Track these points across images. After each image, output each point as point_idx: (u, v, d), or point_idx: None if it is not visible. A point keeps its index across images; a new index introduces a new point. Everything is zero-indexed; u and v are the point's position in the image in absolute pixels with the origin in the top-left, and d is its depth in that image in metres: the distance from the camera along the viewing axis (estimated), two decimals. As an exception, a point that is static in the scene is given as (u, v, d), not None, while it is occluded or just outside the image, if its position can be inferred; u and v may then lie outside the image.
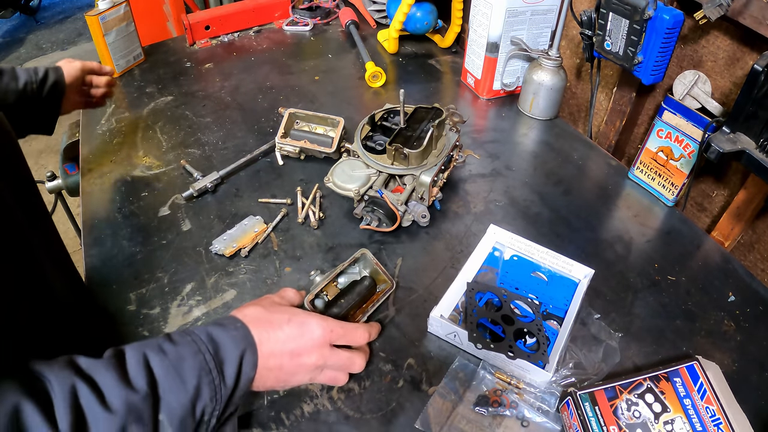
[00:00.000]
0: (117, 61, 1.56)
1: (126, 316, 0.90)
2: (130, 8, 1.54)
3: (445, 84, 1.56)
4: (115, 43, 1.52)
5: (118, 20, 1.50)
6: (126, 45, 1.56)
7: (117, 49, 1.54)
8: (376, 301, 0.89)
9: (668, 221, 1.10)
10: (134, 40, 1.59)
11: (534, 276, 0.96)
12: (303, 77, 1.55)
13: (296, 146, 1.20)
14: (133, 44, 1.59)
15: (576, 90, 1.52)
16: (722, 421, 0.70)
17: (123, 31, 1.52)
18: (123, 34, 1.53)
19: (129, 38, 1.56)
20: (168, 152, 1.26)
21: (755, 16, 0.93)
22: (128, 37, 1.56)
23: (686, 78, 1.05)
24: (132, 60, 1.60)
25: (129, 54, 1.59)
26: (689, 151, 1.05)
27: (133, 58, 1.61)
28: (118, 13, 1.49)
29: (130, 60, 1.60)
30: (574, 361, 0.81)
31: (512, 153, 1.28)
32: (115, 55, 1.54)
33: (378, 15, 1.84)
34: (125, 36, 1.54)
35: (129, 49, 1.58)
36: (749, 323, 0.91)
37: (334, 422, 0.77)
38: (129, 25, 1.55)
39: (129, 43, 1.57)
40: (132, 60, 1.60)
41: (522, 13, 1.32)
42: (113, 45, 1.52)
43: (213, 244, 1.02)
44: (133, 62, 1.61)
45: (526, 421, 0.76)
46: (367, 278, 0.90)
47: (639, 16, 1.04)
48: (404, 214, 1.01)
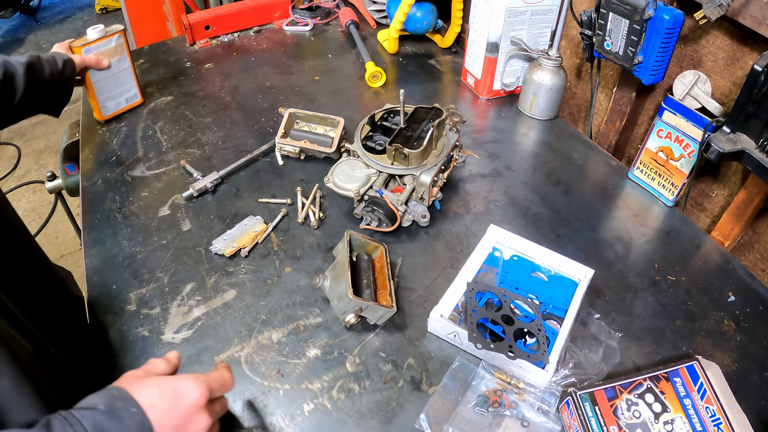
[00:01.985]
0: (104, 103, 1.32)
1: (126, 316, 0.90)
2: (125, 41, 1.30)
3: (445, 84, 1.56)
4: (102, 82, 1.28)
5: (109, 54, 1.27)
6: (116, 84, 1.32)
7: (104, 88, 1.30)
8: (386, 271, 0.93)
9: (668, 221, 1.10)
10: (128, 79, 1.35)
11: (534, 276, 0.96)
12: (303, 77, 1.55)
13: (296, 146, 1.20)
14: (127, 84, 1.35)
15: (576, 90, 1.52)
16: (722, 421, 0.70)
17: (114, 68, 1.29)
18: (114, 71, 1.30)
19: (122, 77, 1.33)
20: (168, 152, 1.26)
21: (755, 16, 0.93)
22: (120, 76, 1.32)
23: (686, 78, 1.05)
24: (124, 102, 1.36)
25: (120, 95, 1.35)
26: (689, 151, 1.05)
27: (126, 101, 1.37)
28: (108, 46, 1.26)
29: (121, 102, 1.36)
30: (574, 361, 0.81)
31: (512, 153, 1.28)
32: (101, 96, 1.30)
33: (378, 15, 1.84)
34: (117, 74, 1.31)
35: (120, 90, 1.34)
36: (749, 323, 0.91)
37: (334, 422, 0.77)
38: (122, 60, 1.31)
39: (121, 82, 1.33)
40: (124, 102, 1.36)
41: (522, 13, 1.32)
42: (99, 84, 1.28)
43: (213, 244, 1.02)
44: (125, 105, 1.37)
45: (526, 421, 0.76)
46: (362, 254, 0.95)
47: (639, 16, 1.04)
48: (404, 214, 1.01)
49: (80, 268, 0.99)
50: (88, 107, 1.37)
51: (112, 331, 0.88)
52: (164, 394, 0.60)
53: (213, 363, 0.84)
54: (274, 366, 0.84)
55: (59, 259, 2.52)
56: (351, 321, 0.84)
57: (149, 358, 0.81)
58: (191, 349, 0.86)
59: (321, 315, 0.91)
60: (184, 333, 0.88)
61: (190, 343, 0.87)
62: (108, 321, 0.90)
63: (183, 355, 0.85)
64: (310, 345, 0.87)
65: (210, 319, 0.90)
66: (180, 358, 0.70)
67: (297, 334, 0.88)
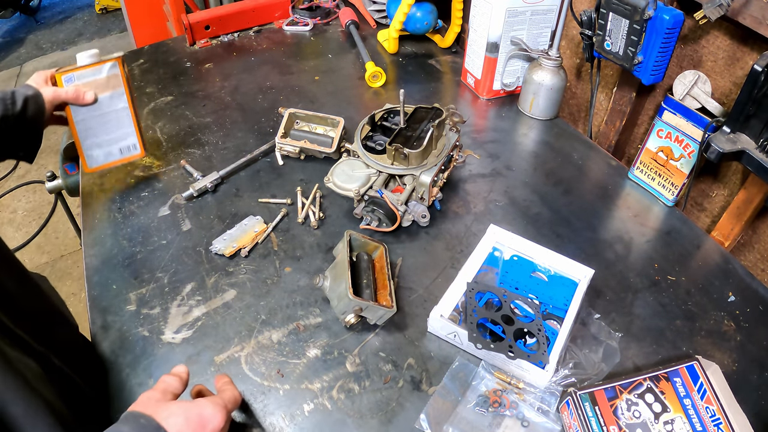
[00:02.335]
0: (89, 150, 1.03)
1: (126, 316, 0.90)
2: (122, 73, 1.00)
3: (445, 84, 1.56)
4: (88, 122, 0.99)
5: (98, 86, 0.98)
6: (107, 128, 1.02)
7: (90, 131, 1.00)
8: (386, 271, 0.92)
9: (668, 221, 1.10)
10: (124, 122, 1.03)
11: (534, 276, 0.96)
12: (303, 77, 1.55)
13: (296, 146, 1.20)
14: (122, 129, 1.04)
15: (576, 90, 1.52)
16: (722, 421, 0.70)
17: (104, 105, 1.00)
18: (103, 110, 1.00)
19: (114, 119, 1.01)
20: (168, 152, 1.26)
21: (755, 16, 0.92)
22: (113, 117, 1.01)
23: (686, 78, 1.05)
24: (117, 153, 1.05)
25: (111, 143, 1.04)
26: (689, 151, 1.05)
27: (120, 151, 1.06)
28: (97, 76, 0.97)
29: (112, 152, 1.05)
30: (574, 361, 0.81)
31: (512, 153, 1.28)
32: (85, 140, 1.01)
33: (378, 15, 1.84)
34: (107, 114, 1.01)
35: (112, 136, 1.04)
36: (749, 323, 0.91)
37: (334, 422, 0.77)
38: (116, 97, 1.00)
39: (114, 125, 1.03)
40: (117, 153, 1.05)
41: (522, 13, 1.32)
42: (83, 124, 0.99)
43: (213, 244, 1.02)
44: (118, 157, 1.06)
45: (526, 421, 0.76)
46: (362, 254, 0.95)
47: (639, 16, 1.04)
48: (404, 214, 1.01)
49: (80, 268, 0.99)
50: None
51: (112, 331, 0.88)
52: (190, 421, 0.61)
53: (213, 363, 0.84)
54: (274, 366, 0.84)
55: (59, 259, 2.52)
56: (351, 321, 0.84)
57: (150, 361, 0.81)
58: (191, 349, 0.86)
59: (321, 315, 0.91)
60: (184, 333, 0.88)
61: (190, 343, 0.87)
62: (108, 321, 0.90)
63: (183, 355, 0.85)
64: (310, 345, 0.87)
65: (210, 319, 0.90)
66: (189, 373, 0.71)
67: (297, 334, 0.88)
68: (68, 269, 2.47)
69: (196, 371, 0.83)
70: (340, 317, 0.86)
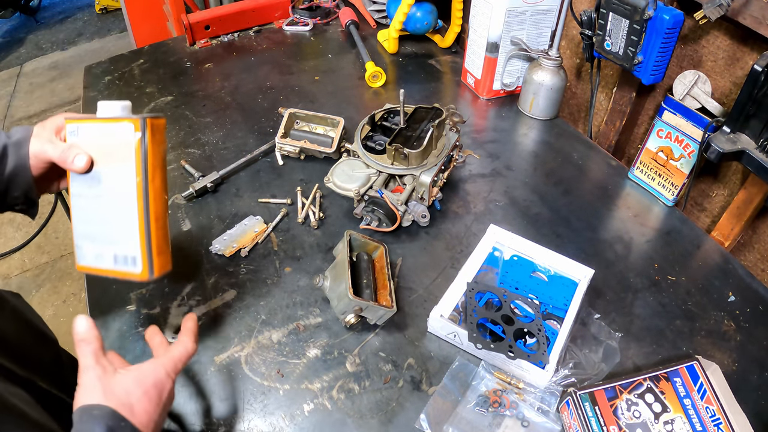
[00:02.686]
0: (80, 240, 0.69)
1: (126, 316, 0.90)
2: (137, 144, 0.65)
3: (445, 84, 1.56)
4: (82, 201, 0.68)
5: (104, 154, 0.66)
6: (103, 219, 0.67)
7: (84, 215, 0.68)
8: (386, 271, 0.92)
9: (668, 221, 1.10)
10: (126, 218, 0.66)
11: (534, 276, 0.96)
12: (303, 77, 1.55)
13: (296, 146, 1.20)
14: (123, 228, 0.67)
15: (576, 90, 1.52)
16: (722, 421, 0.70)
17: (103, 183, 0.66)
18: (99, 191, 0.67)
19: (113, 209, 0.66)
20: (168, 152, 1.26)
21: (755, 16, 0.92)
22: (111, 207, 0.67)
23: (686, 78, 1.05)
24: (110, 261, 0.68)
25: (106, 244, 0.68)
26: (689, 151, 1.05)
27: (113, 260, 0.68)
28: (108, 138, 0.66)
29: (104, 256, 0.68)
30: (574, 361, 0.81)
31: (512, 153, 1.28)
32: (78, 226, 0.69)
33: (378, 15, 1.84)
34: (102, 197, 0.67)
35: (108, 235, 0.68)
36: (749, 323, 0.91)
37: (334, 422, 0.77)
38: (123, 177, 0.65)
39: (111, 219, 0.67)
40: (110, 261, 0.68)
41: (522, 13, 1.32)
42: (78, 204, 0.68)
43: (213, 244, 1.02)
44: (111, 266, 0.68)
45: (526, 421, 0.76)
46: (362, 254, 0.95)
47: (639, 16, 1.04)
48: (404, 214, 1.01)
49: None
50: (88, 108, 1.37)
51: (112, 331, 0.88)
52: (148, 394, 0.59)
53: (213, 363, 0.84)
54: (274, 366, 0.84)
55: (59, 259, 2.52)
56: (351, 321, 0.84)
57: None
58: (191, 349, 0.86)
59: (321, 315, 0.91)
60: (184, 333, 0.88)
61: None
62: (108, 321, 0.90)
63: (183, 355, 0.85)
64: (310, 345, 0.87)
65: (210, 319, 0.90)
66: (92, 322, 0.62)
67: (297, 334, 0.88)
68: (68, 269, 2.47)
69: (196, 371, 0.83)
70: (340, 317, 0.86)
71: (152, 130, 0.67)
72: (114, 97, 1.43)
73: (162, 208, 0.68)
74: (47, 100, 3.70)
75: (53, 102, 3.68)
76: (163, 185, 0.68)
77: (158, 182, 0.67)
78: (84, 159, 0.65)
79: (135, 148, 0.65)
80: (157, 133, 0.68)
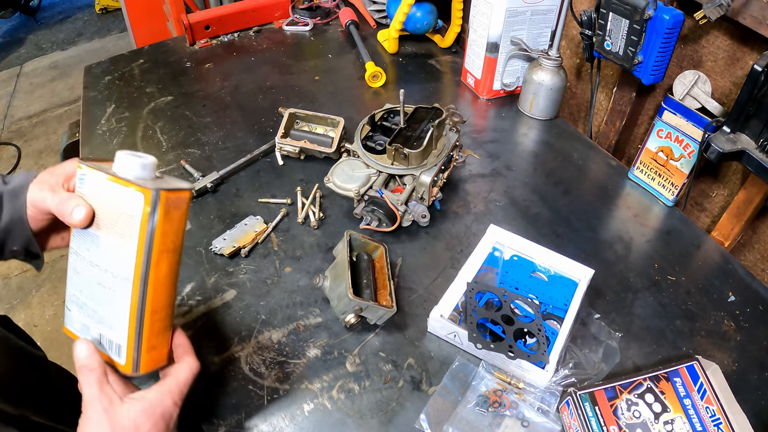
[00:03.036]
0: (69, 301, 0.62)
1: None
2: (144, 220, 0.55)
3: (445, 84, 1.56)
4: (79, 258, 0.60)
5: (109, 217, 0.57)
6: (95, 291, 0.59)
7: (78, 279, 0.60)
8: (386, 271, 0.92)
9: (668, 221, 1.10)
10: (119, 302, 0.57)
11: (534, 276, 0.96)
12: (303, 77, 1.55)
13: (296, 146, 1.20)
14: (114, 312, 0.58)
15: (576, 90, 1.52)
16: (722, 421, 0.70)
17: (104, 254, 0.57)
18: (101, 259, 0.58)
19: (109, 287, 0.57)
20: (168, 152, 1.26)
21: (755, 16, 0.92)
22: (109, 284, 0.57)
23: (686, 78, 1.05)
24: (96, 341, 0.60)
25: (95, 319, 0.60)
26: (689, 151, 1.05)
27: (100, 339, 0.60)
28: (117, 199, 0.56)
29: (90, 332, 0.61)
30: (574, 361, 0.81)
31: (512, 153, 1.28)
32: (71, 288, 0.61)
33: (378, 15, 1.84)
34: (102, 269, 0.58)
35: (98, 309, 0.59)
36: (749, 323, 0.91)
37: (334, 422, 0.77)
38: (123, 255, 0.56)
39: (103, 296, 0.58)
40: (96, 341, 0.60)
41: (522, 13, 1.32)
42: (74, 258, 0.60)
43: (213, 244, 1.02)
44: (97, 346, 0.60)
45: (526, 421, 0.76)
46: (362, 254, 0.95)
47: (639, 16, 1.04)
48: (404, 214, 1.01)
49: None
50: (88, 108, 1.37)
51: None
52: (157, 426, 0.57)
53: (213, 363, 0.84)
54: (275, 366, 0.84)
55: (59, 259, 2.52)
56: (351, 321, 0.84)
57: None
58: (191, 349, 0.86)
59: (321, 315, 0.91)
60: (184, 333, 0.88)
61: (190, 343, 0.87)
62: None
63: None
64: (310, 345, 0.87)
65: (210, 319, 0.90)
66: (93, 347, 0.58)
67: (297, 334, 0.88)
68: (67, 270, 2.48)
69: (196, 371, 0.83)
70: (340, 317, 0.86)
71: (167, 206, 0.55)
72: (114, 98, 1.44)
73: (164, 300, 0.59)
74: (47, 100, 3.71)
75: (53, 102, 3.68)
76: (170, 273, 0.58)
77: (164, 269, 0.57)
78: (83, 212, 0.55)
79: (140, 225, 0.54)
80: (174, 210, 0.56)
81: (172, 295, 0.61)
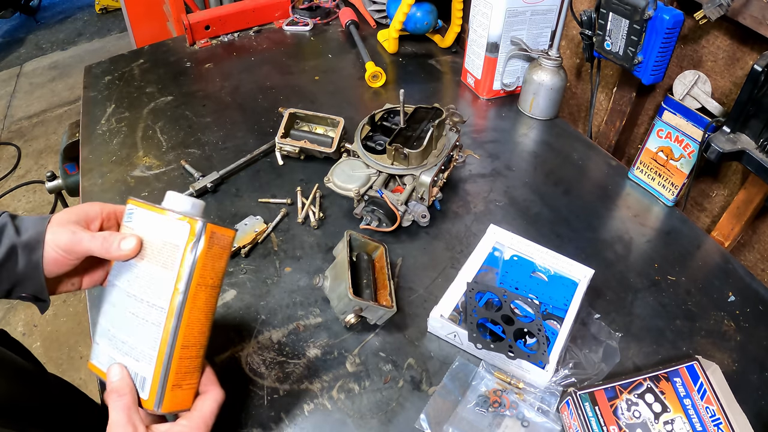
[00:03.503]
0: (98, 335, 0.61)
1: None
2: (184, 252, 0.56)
3: (445, 84, 1.56)
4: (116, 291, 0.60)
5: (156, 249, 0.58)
6: (126, 322, 0.59)
7: (110, 308, 0.60)
8: (386, 271, 0.92)
9: (668, 221, 1.10)
10: (148, 335, 0.57)
11: (534, 276, 0.96)
12: (303, 77, 1.55)
13: (296, 146, 1.20)
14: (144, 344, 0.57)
15: (576, 90, 1.52)
16: (722, 421, 0.70)
17: (142, 283, 0.58)
18: (138, 289, 0.58)
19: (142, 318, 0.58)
20: (168, 152, 1.26)
21: (755, 16, 0.92)
22: (142, 315, 0.58)
23: (686, 78, 1.05)
24: None
25: (124, 351, 0.59)
26: (689, 151, 1.05)
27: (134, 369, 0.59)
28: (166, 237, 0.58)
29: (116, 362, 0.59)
30: (574, 361, 0.81)
31: (512, 153, 1.28)
32: (103, 319, 0.61)
33: (378, 15, 1.84)
34: (136, 300, 0.58)
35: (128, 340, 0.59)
36: (749, 323, 0.91)
37: (334, 422, 0.77)
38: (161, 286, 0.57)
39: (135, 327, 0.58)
40: None
41: (522, 13, 1.32)
42: (111, 292, 0.61)
43: (213, 244, 1.02)
44: None
45: (526, 421, 0.76)
46: (362, 254, 0.94)
47: (639, 16, 1.04)
48: (404, 214, 1.01)
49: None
50: (88, 108, 1.36)
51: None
52: None
53: (213, 363, 0.84)
54: (274, 366, 0.84)
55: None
56: (351, 321, 0.84)
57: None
58: (191, 349, 0.86)
59: (321, 315, 0.91)
60: (184, 333, 0.88)
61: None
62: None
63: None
64: (310, 345, 0.87)
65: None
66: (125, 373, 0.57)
67: (297, 334, 0.88)
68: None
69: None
70: (340, 317, 0.86)
71: (211, 239, 0.57)
72: (114, 98, 1.45)
73: (196, 336, 0.58)
74: (47, 100, 3.71)
75: (53, 102, 3.68)
76: (206, 309, 0.58)
77: (200, 304, 0.57)
78: (133, 242, 0.57)
79: (182, 255, 0.55)
80: (217, 245, 0.58)
81: (205, 335, 0.60)
